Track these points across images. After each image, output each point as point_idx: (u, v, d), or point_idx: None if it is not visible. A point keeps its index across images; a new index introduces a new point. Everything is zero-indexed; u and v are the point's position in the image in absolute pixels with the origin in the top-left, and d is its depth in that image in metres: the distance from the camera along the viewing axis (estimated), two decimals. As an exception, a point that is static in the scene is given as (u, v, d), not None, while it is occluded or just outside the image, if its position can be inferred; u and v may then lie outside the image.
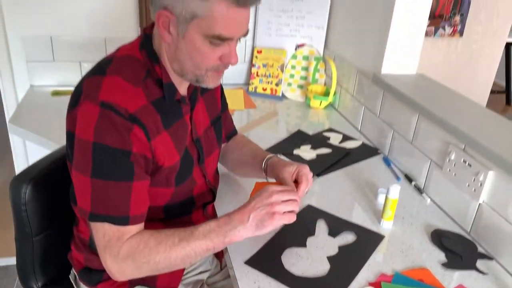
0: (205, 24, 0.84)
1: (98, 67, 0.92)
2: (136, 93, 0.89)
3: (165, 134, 0.94)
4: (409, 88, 1.47)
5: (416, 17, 1.52)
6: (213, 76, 0.94)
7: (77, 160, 0.87)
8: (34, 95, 1.89)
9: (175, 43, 0.89)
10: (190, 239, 0.88)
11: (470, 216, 1.18)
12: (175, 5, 0.84)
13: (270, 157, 1.12)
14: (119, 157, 0.86)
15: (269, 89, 2.05)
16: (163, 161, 0.94)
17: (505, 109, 4.66)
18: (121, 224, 0.88)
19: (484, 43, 2.31)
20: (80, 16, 1.88)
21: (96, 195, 0.86)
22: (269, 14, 2.03)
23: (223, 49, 0.89)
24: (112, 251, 0.88)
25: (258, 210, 0.90)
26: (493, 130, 1.23)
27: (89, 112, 0.84)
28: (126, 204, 0.87)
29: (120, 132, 0.85)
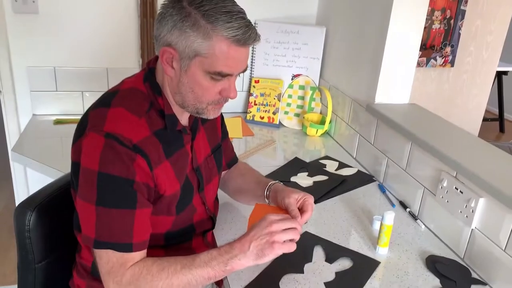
0: (207, 62, 0.90)
1: (103, 99, 0.96)
2: (139, 124, 0.93)
3: (167, 163, 0.97)
4: (401, 117, 1.52)
5: (408, 48, 1.59)
6: (213, 109, 0.98)
7: (82, 189, 0.90)
8: (36, 123, 1.93)
9: (178, 78, 0.94)
10: (191, 267, 0.91)
11: (464, 242, 1.21)
12: (178, 42, 0.89)
13: (273, 183, 1.15)
14: (122, 186, 0.89)
15: (266, 118, 2.10)
16: (164, 189, 0.97)
17: (498, 136, 4.73)
18: (124, 251, 0.90)
19: (475, 73, 2.39)
20: (83, 47, 1.94)
21: (101, 223, 0.89)
22: (266, 45, 2.10)
23: (223, 83, 0.94)
24: (116, 277, 0.90)
25: (259, 239, 0.92)
26: (483, 158, 1.27)
27: (94, 142, 0.88)
28: (129, 232, 0.90)
29: (124, 162, 0.88)
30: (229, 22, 0.87)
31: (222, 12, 0.87)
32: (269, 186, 1.15)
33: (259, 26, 2.07)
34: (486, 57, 2.36)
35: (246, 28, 0.89)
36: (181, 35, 0.88)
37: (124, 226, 0.90)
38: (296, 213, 1.02)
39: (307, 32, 2.06)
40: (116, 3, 1.91)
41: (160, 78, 0.98)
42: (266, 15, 2.09)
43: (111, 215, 0.89)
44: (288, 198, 1.05)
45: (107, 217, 0.89)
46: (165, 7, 0.90)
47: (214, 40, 0.87)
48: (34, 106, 1.97)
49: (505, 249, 1.08)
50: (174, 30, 0.88)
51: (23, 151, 1.68)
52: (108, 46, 1.97)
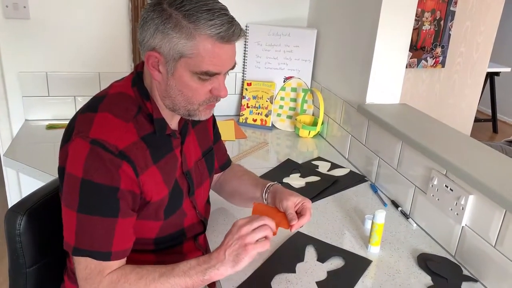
0: (193, 62, 0.88)
1: (91, 104, 0.96)
2: (127, 129, 0.92)
3: (154, 168, 0.96)
4: (392, 117, 1.53)
5: (397, 49, 1.60)
6: (204, 109, 0.98)
7: (65, 195, 0.90)
8: (29, 129, 1.93)
9: (165, 81, 0.93)
10: (170, 276, 0.91)
11: (454, 240, 1.22)
12: (162, 46, 0.88)
13: (272, 184, 1.15)
14: (105, 194, 0.88)
15: (259, 120, 2.11)
16: (151, 196, 0.97)
17: (492, 137, 4.76)
18: (102, 259, 0.90)
19: (466, 73, 2.41)
20: (75, 52, 1.94)
21: (81, 230, 0.89)
22: (258, 48, 2.11)
23: (212, 83, 0.93)
24: (92, 284, 0.90)
25: (232, 246, 0.92)
26: (473, 156, 1.28)
27: (80, 148, 0.88)
28: (109, 240, 0.90)
29: (108, 169, 0.88)
30: (211, 20, 0.86)
31: (204, 10, 0.86)
32: (268, 188, 1.15)
33: (251, 29, 2.08)
34: (476, 57, 2.38)
35: (229, 24, 0.88)
36: (164, 38, 0.87)
37: (104, 235, 0.89)
38: (294, 216, 1.03)
39: (298, 35, 2.07)
40: (107, 8, 1.92)
41: (148, 82, 0.98)
42: (257, 18, 2.10)
43: (92, 223, 0.88)
44: (286, 200, 1.05)
45: (88, 224, 0.88)
46: (146, 11, 0.89)
47: (197, 40, 0.86)
48: (26, 112, 1.97)
49: (495, 246, 1.09)
50: (156, 34, 0.87)
51: (16, 156, 1.68)
52: (100, 50, 1.98)
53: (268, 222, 0.95)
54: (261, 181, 1.22)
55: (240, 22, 0.92)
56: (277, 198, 1.08)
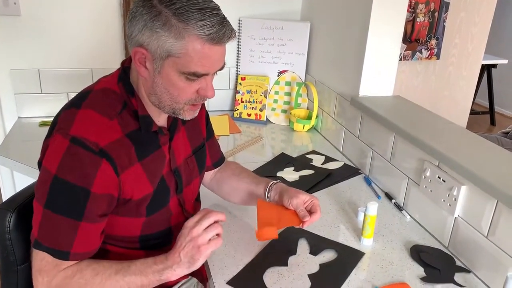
0: (181, 62, 0.87)
1: (75, 100, 0.94)
2: (110, 126, 0.91)
3: (138, 165, 0.95)
4: (385, 109, 1.53)
5: (390, 41, 1.59)
6: (189, 109, 0.96)
7: (37, 188, 0.90)
8: (22, 126, 1.92)
9: (152, 78, 0.91)
10: (126, 273, 0.90)
11: (448, 231, 1.21)
12: (150, 43, 0.86)
13: (274, 183, 1.16)
14: (74, 194, 0.87)
15: (253, 115, 2.10)
16: (131, 194, 0.95)
17: (490, 129, 4.75)
18: (60, 258, 0.89)
19: (461, 65, 2.40)
20: (67, 49, 1.93)
21: (44, 225, 0.88)
22: (251, 42, 2.10)
23: (199, 83, 0.92)
24: (46, 277, 0.89)
25: (185, 248, 0.92)
26: (466, 147, 1.28)
27: (58, 145, 0.87)
28: (70, 241, 0.89)
29: (84, 169, 0.86)
30: (202, 20, 0.83)
31: (194, 9, 0.83)
32: (271, 186, 1.15)
33: (244, 23, 2.07)
34: (471, 49, 2.37)
35: (221, 25, 0.85)
36: (152, 35, 0.85)
37: (66, 235, 0.89)
38: (306, 213, 1.06)
39: (291, 28, 2.06)
40: (98, 3, 1.91)
41: (134, 78, 0.96)
42: (250, 12, 2.09)
43: (56, 221, 0.88)
44: (296, 198, 1.08)
45: (52, 221, 0.88)
46: (136, 6, 0.88)
47: (186, 40, 0.84)
48: (19, 109, 1.96)
49: (487, 236, 1.08)
50: (145, 30, 0.86)
51: (9, 154, 1.67)
52: (92, 46, 1.96)
53: (218, 217, 0.95)
54: (261, 179, 1.22)
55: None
56: (285, 196, 1.10)
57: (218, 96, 2.18)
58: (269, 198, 1.15)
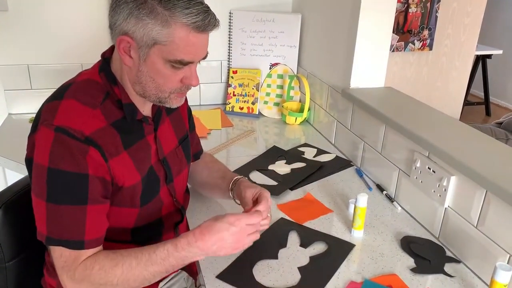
0: (167, 50, 0.87)
1: (56, 93, 0.94)
2: (93, 115, 0.91)
3: (125, 154, 0.95)
4: (375, 101, 1.52)
5: (380, 32, 1.58)
6: (176, 97, 0.97)
7: (34, 185, 0.89)
8: (12, 122, 1.91)
9: (137, 67, 0.91)
10: (147, 264, 0.90)
11: (438, 221, 1.21)
12: (135, 31, 0.86)
13: (238, 178, 1.16)
14: (73, 181, 0.87)
15: (246, 108, 2.09)
16: (123, 181, 0.95)
17: (485, 120, 4.76)
18: (75, 248, 0.89)
19: (454, 55, 2.39)
20: (56, 44, 1.91)
21: (52, 220, 0.88)
22: (242, 35, 2.08)
23: (184, 71, 0.92)
24: (69, 272, 0.89)
25: (224, 243, 0.91)
26: (456, 137, 1.27)
27: (45, 137, 0.87)
28: (81, 229, 0.89)
29: (74, 156, 0.86)
30: (188, 8, 0.85)
31: None
32: (234, 181, 1.15)
33: (234, 15, 2.05)
34: (464, 39, 2.36)
35: (206, 14, 0.87)
36: (138, 23, 0.85)
37: (75, 223, 0.88)
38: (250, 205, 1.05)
39: (283, 20, 2.04)
40: (87, -3, 1.89)
41: (116, 68, 0.96)
42: (240, 4, 2.07)
43: (62, 212, 0.87)
44: (244, 192, 1.07)
45: (58, 213, 0.87)
46: None
47: (173, 28, 0.85)
48: (9, 105, 1.94)
49: (477, 226, 1.08)
50: (130, 18, 0.86)
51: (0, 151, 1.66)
52: (81, 41, 1.95)
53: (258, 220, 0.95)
54: (228, 174, 1.22)
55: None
56: (238, 191, 1.10)
57: (210, 89, 2.18)
58: (233, 193, 1.15)
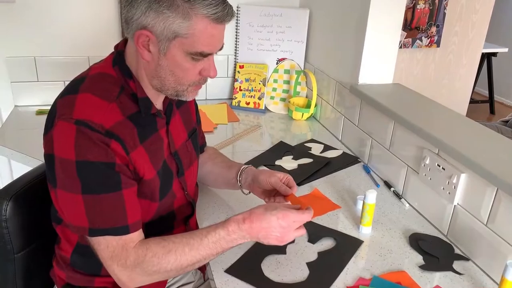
0: (187, 42, 0.88)
1: (70, 87, 0.93)
2: (110, 109, 0.90)
3: (141, 148, 0.95)
4: (384, 97, 1.51)
5: (389, 28, 1.57)
6: (192, 90, 0.97)
7: (62, 181, 0.88)
8: (18, 115, 1.90)
9: (156, 61, 0.91)
10: (200, 248, 0.92)
11: (447, 219, 1.21)
12: (155, 24, 0.86)
13: (246, 167, 1.16)
14: (104, 170, 0.87)
15: (252, 103, 2.09)
16: (143, 173, 0.95)
17: (489, 118, 4.74)
18: (122, 234, 0.89)
19: (461, 53, 2.38)
20: (63, 36, 1.91)
21: (91, 211, 0.87)
22: (249, 30, 2.07)
23: (202, 63, 0.93)
24: (119, 260, 0.90)
25: (271, 232, 0.93)
26: (466, 135, 1.27)
27: (66, 131, 0.86)
28: (122, 214, 0.89)
29: (100, 146, 0.86)
30: (206, 0, 0.85)
31: None
32: (242, 170, 1.17)
33: (242, 10, 2.04)
34: (471, 36, 2.35)
35: (224, 4, 0.88)
36: (158, 17, 0.85)
37: (116, 210, 0.89)
38: (286, 189, 1.07)
39: (290, 15, 2.03)
40: (94, -10, 1.88)
41: (131, 61, 0.95)
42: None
43: (100, 201, 0.87)
44: (273, 177, 1.10)
45: (97, 204, 0.87)
46: None
47: (194, 20, 0.85)
48: (16, 97, 1.94)
49: (487, 224, 1.08)
50: (149, 12, 0.85)
51: (6, 143, 1.66)
52: (88, 34, 1.94)
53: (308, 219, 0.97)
54: (234, 163, 1.24)
55: (231, 3, 0.92)
56: (262, 176, 1.12)
57: (216, 84, 2.17)
58: (240, 181, 1.18)
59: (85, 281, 1.04)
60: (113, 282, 1.03)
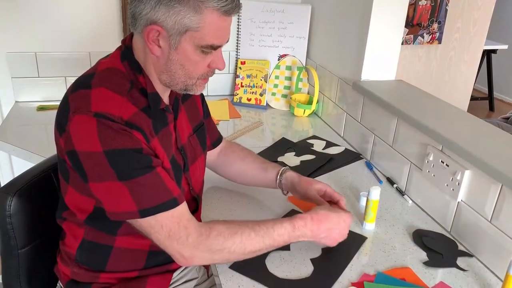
0: (198, 36, 0.88)
1: (81, 82, 0.92)
2: (125, 101, 0.90)
3: (156, 139, 0.95)
4: (387, 93, 1.51)
5: (393, 24, 1.57)
6: (201, 83, 0.98)
7: (94, 173, 0.87)
8: (19, 110, 1.90)
9: (166, 56, 0.91)
10: (265, 237, 0.95)
11: (450, 215, 1.21)
12: (166, 19, 0.86)
13: (284, 171, 1.22)
14: (134, 156, 0.87)
15: (253, 99, 2.08)
16: (162, 161, 0.95)
17: (488, 115, 4.75)
18: (172, 207, 0.90)
19: (463, 50, 2.37)
20: (64, 32, 1.90)
21: (136, 194, 0.87)
22: (251, 25, 2.07)
23: (211, 56, 0.94)
24: (179, 237, 0.90)
25: (333, 233, 1.02)
26: (469, 131, 1.27)
27: (85, 124, 0.85)
28: (166, 189, 0.90)
29: (124, 134, 0.86)
30: None
31: None
32: (281, 174, 1.21)
33: (244, 5, 2.01)
34: (473, 33, 2.34)
35: None
36: (168, 11, 0.85)
37: (157, 187, 0.89)
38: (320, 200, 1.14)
39: (292, 11, 2.03)
40: (96, -15, 1.87)
41: (139, 56, 0.95)
42: (250, -5, 2.05)
43: (141, 183, 0.87)
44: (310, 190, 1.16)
45: (138, 186, 0.87)
46: None
47: (204, 13, 0.86)
48: (16, 93, 1.93)
49: (491, 220, 1.08)
50: (159, 7, 0.85)
51: (7, 139, 1.66)
52: (90, 29, 1.93)
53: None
54: (268, 163, 1.26)
55: None
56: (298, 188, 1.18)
57: (217, 80, 2.16)
58: (281, 187, 1.22)
59: (90, 277, 1.03)
60: (118, 278, 1.03)
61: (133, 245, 1.02)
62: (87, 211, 0.98)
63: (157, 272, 1.07)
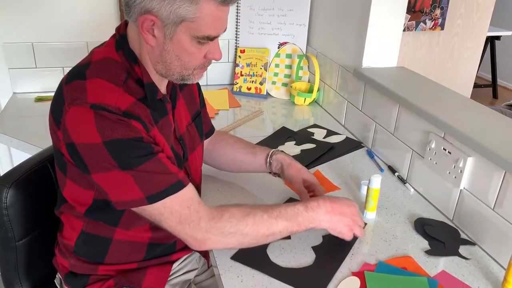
0: (194, 26, 0.85)
1: (76, 73, 0.90)
2: (122, 92, 0.88)
3: (156, 129, 0.93)
4: (388, 80, 1.49)
5: (394, 10, 1.54)
6: (198, 73, 0.96)
7: (96, 165, 0.85)
8: (17, 102, 1.88)
9: (161, 46, 0.89)
10: (278, 218, 0.94)
11: (452, 203, 1.19)
12: (161, 9, 0.83)
13: (274, 153, 1.21)
14: (134, 145, 0.85)
15: (253, 88, 2.06)
16: (163, 149, 0.94)
17: (492, 102, 4.71)
18: (179, 189, 0.89)
19: (465, 36, 2.34)
20: (61, 22, 1.88)
21: (141, 181, 0.86)
22: (250, 13, 2.04)
23: (208, 46, 0.91)
24: (191, 221, 0.89)
25: (346, 219, 1.01)
26: (472, 118, 1.24)
27: (82, 116, 0.83)
28: (170, 172, 0.89)
29: (122, 124, 0.85)
30: None
31: None
32: (270, 156, 1.20)
33: (243, -7, 2.00)
34: (476, 19, 2.31)
35: None
36: (163, 1, 0.82)
37: (161, 172, 0.88)
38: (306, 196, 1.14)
39: (292, -2, 2.00)
40: (92, -27, 1.84)
41: (134, 46, 0.93)
42: (249, -18, 2.02)
43: (144, 170, 0.86)
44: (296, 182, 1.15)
45: (142, 174, 0.86)
46: None
47: (201, 3, 0.83)
48: (14, 84, 1.92)
49: (494, 208, 1.06)
50: None
51: (5, 130, 1.64)
52: (87, 19, 1.91)
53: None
54: (257, 148, 1.24)
55: None
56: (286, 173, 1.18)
57: (217, 69, 2.14)
58: (271, 169, 1.21)
59: (89, 269, 1.03)
60: (117, 270, 1.03)
61: (133, 238, 1.01)
62: (87, 204, 0.96)
63: (156, 264, 1.06)
